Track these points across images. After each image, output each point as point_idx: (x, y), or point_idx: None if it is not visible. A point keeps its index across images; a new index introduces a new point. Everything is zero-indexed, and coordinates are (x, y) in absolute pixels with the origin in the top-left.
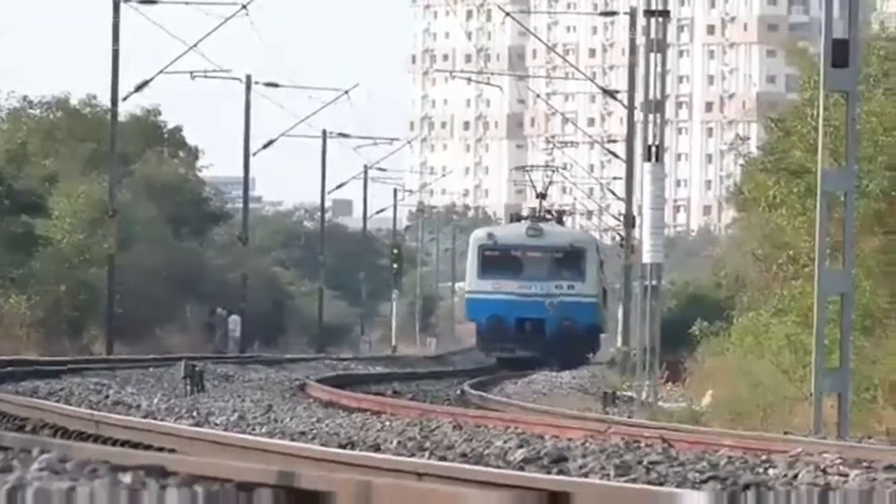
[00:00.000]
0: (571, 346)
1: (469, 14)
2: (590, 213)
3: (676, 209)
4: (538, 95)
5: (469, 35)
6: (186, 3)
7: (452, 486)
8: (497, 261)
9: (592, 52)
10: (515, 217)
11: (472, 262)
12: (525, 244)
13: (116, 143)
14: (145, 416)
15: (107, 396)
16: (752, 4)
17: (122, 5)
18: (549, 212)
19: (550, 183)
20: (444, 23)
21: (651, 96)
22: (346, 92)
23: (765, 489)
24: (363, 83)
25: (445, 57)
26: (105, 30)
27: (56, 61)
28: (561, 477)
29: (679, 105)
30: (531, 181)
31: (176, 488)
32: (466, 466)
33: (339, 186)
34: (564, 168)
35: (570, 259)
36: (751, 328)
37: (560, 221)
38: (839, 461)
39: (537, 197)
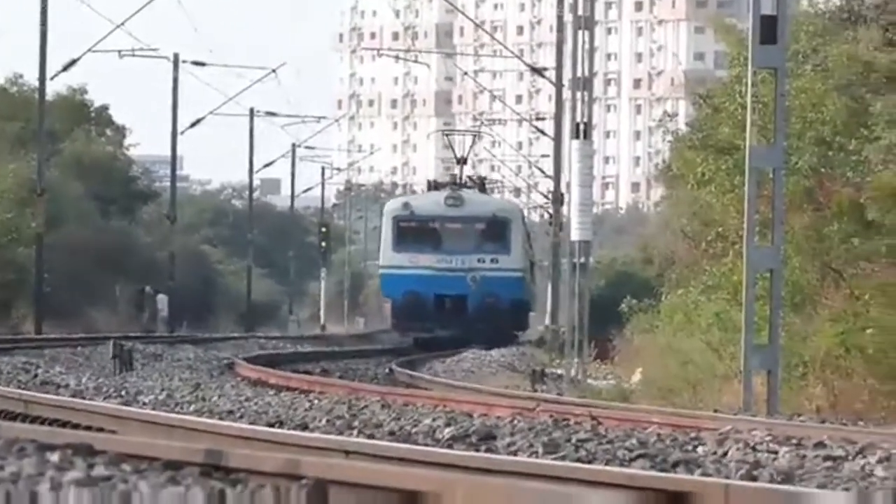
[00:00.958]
0: (496, 325)
1: None
2: (518, 191)
3: (605, 186)
4: (466, 73)
5: (397, 13)
6: None
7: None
8: (413, 233)
9: (520, 30)
10: (434, 185)
11: (386, 235)
12: (444, 214)
13: (44, 122)
14: (74, 396)
15: (35, 376)
16: None
17: None
18: (470, 178)
19: (472, 147)
20: (372, 1)
21: (579, 73)
22: (274, 70)
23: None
24: (291, 62)
25: (373, 35)
26: (32, 8)
27: None
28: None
29: (607, 82)
30: (454, 153)
31: (104, 466)
32: (395, 444)
33: (267, 165)
34: (494, 145)
35: (494, 230)
36: (680, 305)
37: (483, 189)
38: (769, 438)
39: (458, 162)
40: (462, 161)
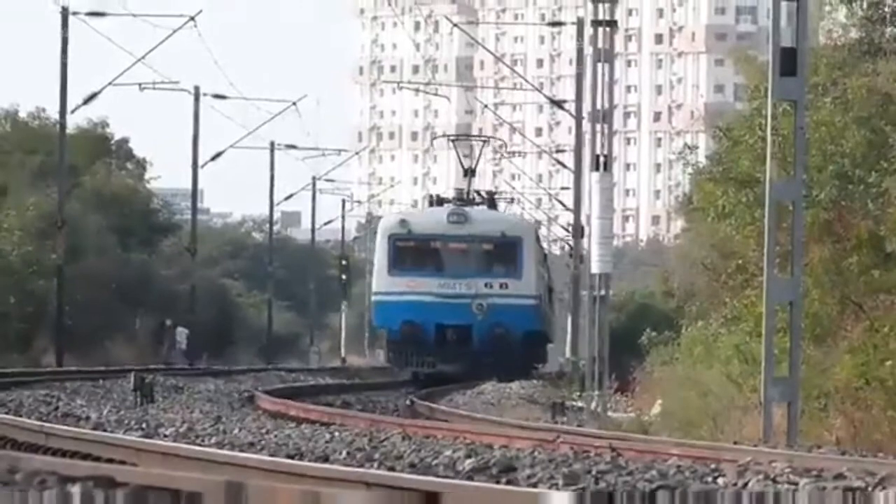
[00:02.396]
0: (506, 359)
1: (417, 25)
2: (538, 224)
3: (625, 219)
4: (486, 106)
5: (417, 46)
6: (134, 16)
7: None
8: (412, 254)
9: (540, 63)
10: (436, 200)
11: (380, 257)
12: (446, 233)
13: (65, 155)
14: (95, 428)
15: (56, 408)
16: (700, 14)
17: (71, 18)
18: (478, 193)
19: (481, 156)
20: (392, 34)
21: (599, 106)
22: (294, 103)
23: (713, 495)
24: (311, 95)
25: (393, 68)
26: (54, 42)
27: (4, 74)
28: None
29: (627, 115)
30: (461, 164)
31: (124, 498)
32: (414, 476)
33: (287, 198)
34: (514, 178)
35: (503, 251)
36: (700, 338)
37: (492, 205)
38: (789, 470)
39: (465, 174)
40: (470, 172)
